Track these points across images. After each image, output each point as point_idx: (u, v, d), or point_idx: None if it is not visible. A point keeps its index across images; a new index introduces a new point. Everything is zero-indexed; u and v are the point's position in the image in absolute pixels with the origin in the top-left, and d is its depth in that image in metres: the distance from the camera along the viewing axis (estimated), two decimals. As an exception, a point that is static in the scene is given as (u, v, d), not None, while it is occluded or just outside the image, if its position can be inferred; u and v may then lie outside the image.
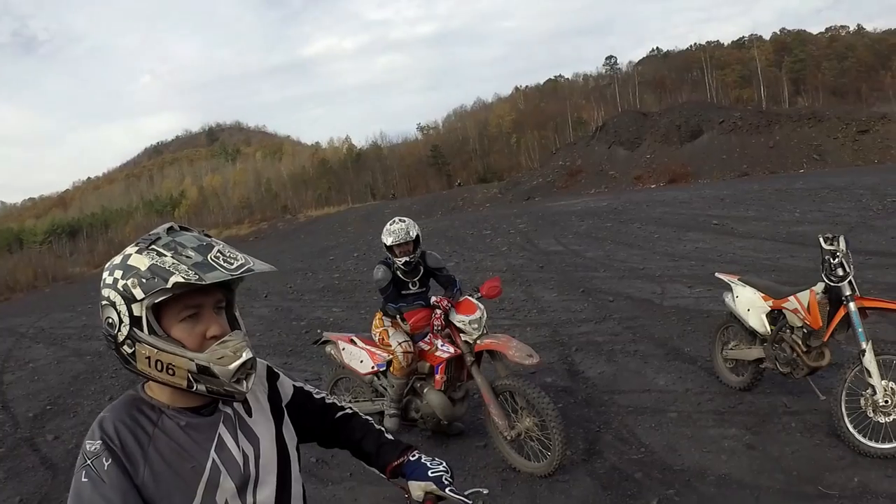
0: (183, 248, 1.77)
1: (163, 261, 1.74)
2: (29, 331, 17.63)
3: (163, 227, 1.86)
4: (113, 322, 1.78)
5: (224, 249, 1.83)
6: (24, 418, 9.67)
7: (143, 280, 1.73)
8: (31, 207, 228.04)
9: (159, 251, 1.76)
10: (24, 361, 13.64)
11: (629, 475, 5.63)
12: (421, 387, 6.45)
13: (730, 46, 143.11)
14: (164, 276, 1.71)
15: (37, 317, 20.35)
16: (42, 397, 10.67)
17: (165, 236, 1.81)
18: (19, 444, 8.59)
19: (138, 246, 1.80)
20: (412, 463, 2.29)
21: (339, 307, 14.88)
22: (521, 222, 27.20)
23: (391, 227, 6.53)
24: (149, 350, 1.76)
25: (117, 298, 1.75)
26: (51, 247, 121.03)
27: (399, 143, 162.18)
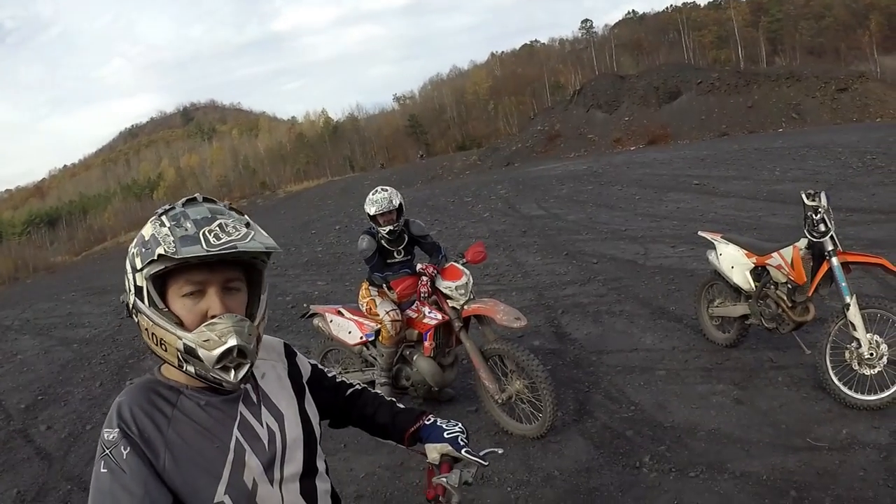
0: (185, 219, 1.71)
1: (159, 231, 1.69)
2: (14, 323, 17.53)
3: (186, 198, 1.82)
4: (126, 290, 1.78)
5: (225, 225, 1.72)
6: (16, 410, 9.62)
7: (144, 249, 1.70)
8: (8, 199, 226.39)
9: (163, 221, 1.72)
10: (11, 353, 13.56)
11: (620, 433, 5.68)
12: (410, 354, 6.47)
13: (706, 7, 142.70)
14: (153, 247, 1.67)
15: (21, 308, 20.22)
16: (32, 388, 10.61)
17: (179, 207, 1.77)
18: (12, 436, 8.56)
19: (153, 216, 1.76)
20: (428, 427, 2.28)
21: (323, 280, 14.86)
22: (502, 188, 27.19)
23: (374, 197, 6.50)
24: (146, 322, 1.73)
25: (128, 266, 1.75)
26: (30, 237, 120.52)
27: (376, 115, 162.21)
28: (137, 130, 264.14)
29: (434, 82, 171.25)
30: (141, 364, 10.77)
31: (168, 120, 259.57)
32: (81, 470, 7.04)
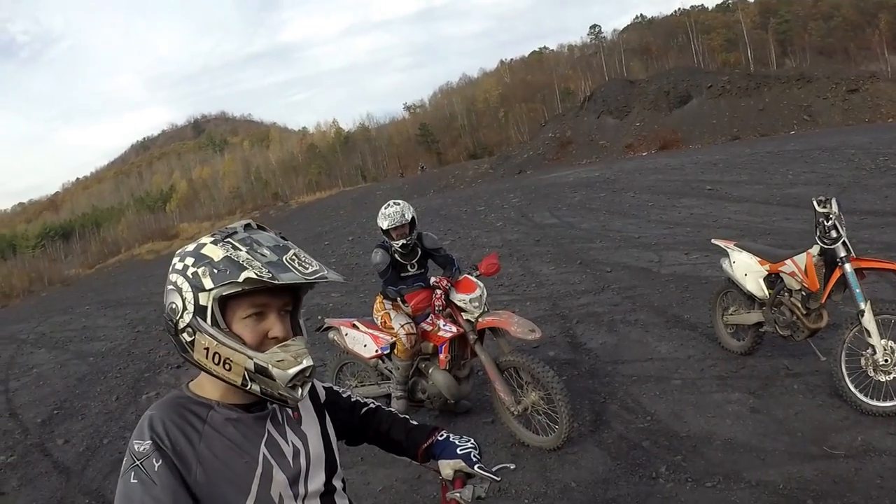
0: (259, 246, 1.77)
1: (237, 254, 1.74)
2: (30, 336, 17.62)
3: (240, 223, 1.87)
4: (176, 308, 1.78)
5: (299, 253, 1.83)
6: (33, 424, 9.68)
7: (215, 271, 1.73)
8: (22, 212, 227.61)
9: (235, 245, 1.76)
10: (27, 367, 13.64)
11: (637, 444, 5.68)
12: (426, 367, 6.48)
13: (714, 10, 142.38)
14: (236, 270, 1.71)
15: (36, 322, 20.32)
16: (49, 402, 10.67)
17: (242, 232, 1.82)
18: (30, 450, 8.60)
19: (213, 237, 1.80)
20: (441, 442, 2.31)
21: (337, 292, 14.88)
22: (514, 197, 27.20)
23: (386, 211, 6.52)
24: (208, 341, 1.76)
25: (185, 285, 1.76)
26: (44, 250, 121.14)
27: (387, 124, 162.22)
28: (149, 143, 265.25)
29: (444, 90, 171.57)
30: (157, 378, 10.83)
31: (179, 132, 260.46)
32: (100, 484, 7.09)
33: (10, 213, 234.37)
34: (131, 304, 19.70)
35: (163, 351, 12.49)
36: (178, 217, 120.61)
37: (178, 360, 11.45)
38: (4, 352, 16.17)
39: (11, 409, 10.74)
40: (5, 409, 10.80)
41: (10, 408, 10.86)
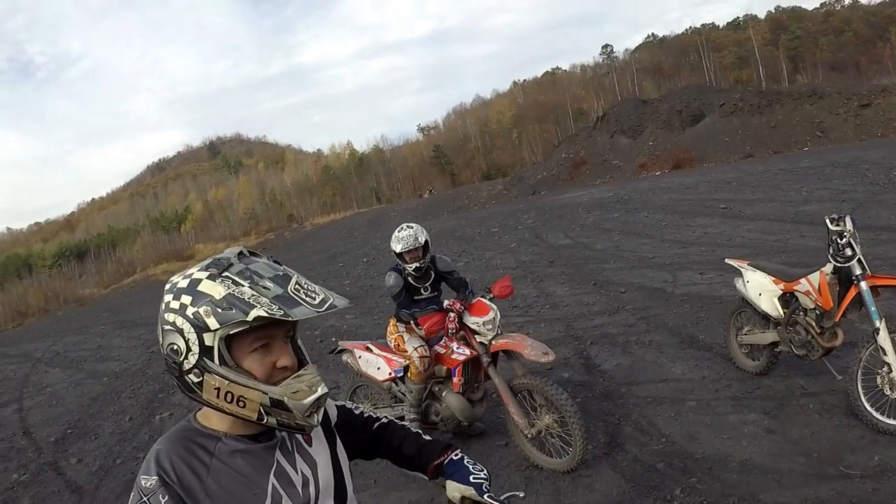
0: (259, 278, 1.71)
1: (240, 291, 1.68)
2: (44, 355, 17.71)
3: (232, 252, 1.80)
4: (178, 349, 1.71)
5: (301, 281, 1.76)
6: (46, 443, 9.72)
7: (219, 310, 1.66)
8: (38, 232, 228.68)
9: (235, 280, 1.69)
10: (41, 386, 13.71)
11: (651, 466, 5.65)
12: (439, 390, 6.47)
13: (725, 28, 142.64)
14: (243, 309, 1.65)
15: (51, 341, 20.42)
16: (62, 421, 10.72)
17: (238, 263, 1.75)
18: (43, 468, 8.65)
19: (209, 271, 1.73)
20: (455, 462, 2.29)
21: (351, 314, 14.89)
22: (528, 217, 27.21)
23: (400, 234, 6.54)
24: (219, 381, 1.71)
25: (185, 325, 1.69)
26: (60, 270, 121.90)
27: (401, 145, 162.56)
28: (165, 164, 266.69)
29: (457, 112, 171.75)
30: (171, 398, 10.84)
31: (195, 154, 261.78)
32: (112, 503, 7.09)
33: (26, 233, 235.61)
34: (146, 325, 19.76)
35: (177, 373, 12.48)
36: (193, 238, 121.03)
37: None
38: (19, 370, 16.27)
39: (25, 428, 10.80)
40: (19, 428, 10.86)
41: (24, 426, 10.92)
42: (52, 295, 68.97)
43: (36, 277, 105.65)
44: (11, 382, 14.84)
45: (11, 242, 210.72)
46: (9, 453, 9.57)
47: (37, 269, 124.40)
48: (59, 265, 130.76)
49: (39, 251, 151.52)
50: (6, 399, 13.13)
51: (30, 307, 63.98)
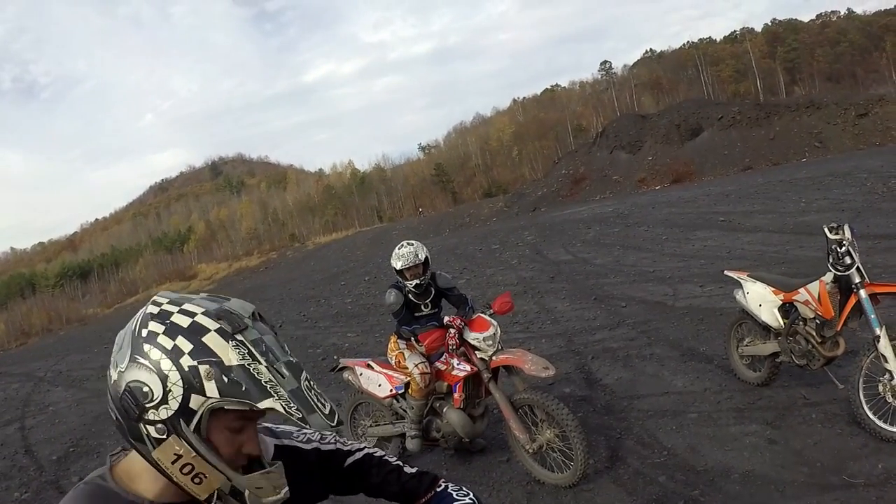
0: (276, 360, 1.47)
1: (257, 369, 1.44)
2: (47, 374, 17.73)
3: (244, 309, 1.55)
4: (149, 393, 1.43)
5: (311, 380, 1.53)
6: (48, 461, 9.75)
7: (225, 380, 1.41)
8: (42, 251, 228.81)
9: (251, 351, 1.45)
10: (44, 405, 13.73)
11: (653, 479, 5.63)
12: (440, 406, 6.47)
13: (722, 42, 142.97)
14: (256, 393, 1.42)
15: (54, 360, 20.45)
16: (64, 440, 10.74)
17: (251, 327, 1.50)
18: (44, 487, 8.67)
19: (218, 324, 1.46)
20: (438, 494, 2.04)
21: (353, 332, 14.91)
22: (529, 234, 27.25)
23: (400, 252, 6.57)
24: (185, 450, 1.45)
25: (173, 374, 1.42)
26: (63, 290, 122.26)
27: (402, 164, 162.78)
28: (167, 185, 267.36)
29: (458, 130, 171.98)
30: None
31: (197, 174, 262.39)
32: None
33: (29, 253, 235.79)
34: (149, 347, 19.69)
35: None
36: (195, 258, 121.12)
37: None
38: (22, 389, 16.30)
39: (27, 446, 10.82)
40: (21, 446, 10.88)
41: (26, 444, 10.94)
42: (55, 314, 69.28)
43: (39, 297, 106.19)
44: (14, 401, 14.88)
45: (15, 262, 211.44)
46: (10, 472, 9.59)
47: (40, 288, 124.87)
48: (62, 285, 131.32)
49: (43, 271, 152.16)
50: (9, 418, 13.16)
51: (33, 326, 64.23)
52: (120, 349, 1.50)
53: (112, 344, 1.51)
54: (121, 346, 1.50)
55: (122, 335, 1.53)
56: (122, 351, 1.49)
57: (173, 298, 1.54)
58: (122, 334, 1.53)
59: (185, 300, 1.52)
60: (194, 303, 1.51)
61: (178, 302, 1.52)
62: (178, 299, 1.53)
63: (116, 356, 1.50)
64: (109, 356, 5.02)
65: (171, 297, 1.54)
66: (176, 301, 1.52)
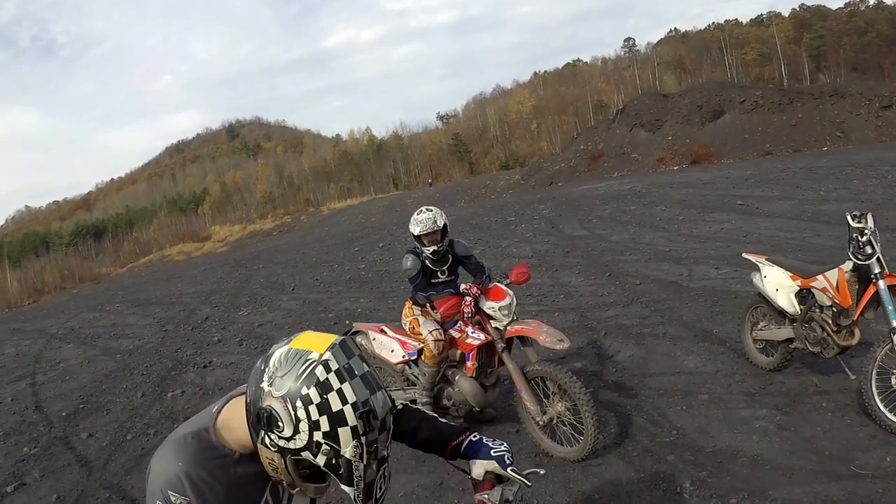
0: (375, 457, 1.89)
1: (357, 466, 1.84)
2: (59, 331, 17.80)
3: (383, 405, 1.89)
4: (280, 428, 1.83)
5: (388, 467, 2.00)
6: (58, 417, 9.78)
7: (332, 461, 1.83)
8: (56, 210, 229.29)
9: (365, 451, 1.85)
10: (55, 362, 13.78)
11: (662, 458, 5.64)
12: (452, 374, 6.48)
13: (748, 25, 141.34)
14: (345, 479, 1.86)
15: (66, 317, 20.52)
16: (74, 396, 10.77)
17: (377, 429, 1.87)
18: (54, 442, 8.70)
19: (359, 420, 1.81)
20: (475, 443, 2.39)
21: (366, 298, 14.92)
22: (545, 208, 27.15)
23: (418, 217, 6.54)
24: (279, 464, 1.91)
25: (302, 436, 1.82)
26: (77, 248, 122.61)
27: (419, 132, 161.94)
28: (183, 146, 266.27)
29: (477, 101, 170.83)
30: (183, 376, 10.91)
31: (214, 136, 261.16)
32: (121, 479, 7.16)
33: (44, 211, 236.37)
34: (160, 304, 19.86)
35: (190, 350, 12.60)
36: (209, 219, 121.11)
37: (204, 359, 11.57)
38: (34, 346, 16.36)
39: (37, 402, 10.86)
40: (31, 402, 10.93)
41: (36, 400, 10.98)
42: (68, 273, 69.54)
43: (53, 255, 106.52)
44: (25, 357, 14.94)
45: (30, 220, 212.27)
46: (20, 427, 9.63)
47: (54, 247, 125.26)
48: (75, 244, 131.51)
49: (57, 229, 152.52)
50: (20, 374, 13.21)
51: (46, 284, 64.51)
52: (282, 376, 1.85)
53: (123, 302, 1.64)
54: (284, 374, 1.85)
55: (289, 362, 1.86)
56: (282, 381, 1.84)
57: (341, 368, 1.84)
58: (289, 361, 1.87)
59: (349, 376, 1.84)
60: (353, 385, 1.83)
61: (343, 377, 1.82)
62: (345, 372, 1.84)
63: (276, 378, 1.85)
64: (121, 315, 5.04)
65: (340, 364, 1.85)
66: (341, 375, 1.83)
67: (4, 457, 8.45)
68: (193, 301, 19.13)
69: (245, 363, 11.01)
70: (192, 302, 19.00)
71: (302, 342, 1.92)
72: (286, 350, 1.90)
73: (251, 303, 16.85)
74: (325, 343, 1.89)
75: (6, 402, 11.16)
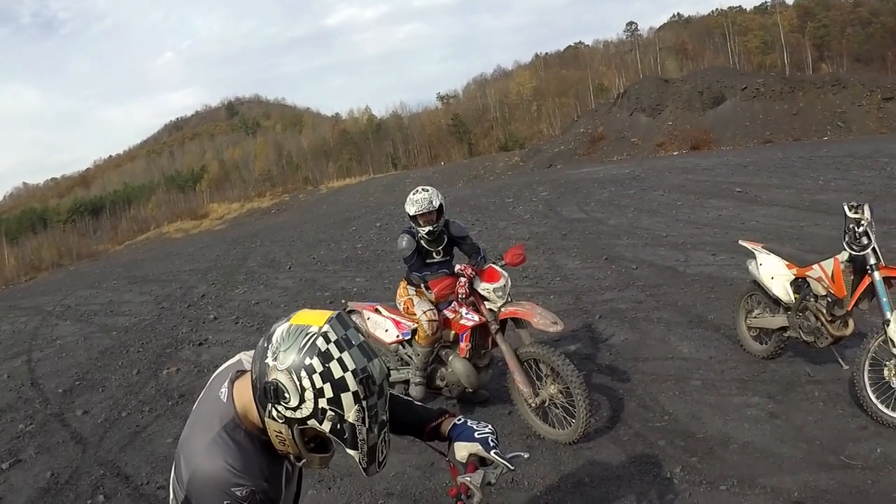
0: (375, 421, 2.01)
1: (360, 430, 1.97)
2: (55, 308, 17.77)
3: (380, 371, 2.02)
4: (287, 398, 1.95)
5: (388, 431, 2.12)
6: (54, 394, 9.78)
7: (337, 427, 1.96)
8: (54, 187, 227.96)
9: (367, 415, 1.98)
10: (51, 339, 13.76)
11: (653, 443, 5.67)
12: (446, 355, 6.48)
13: (752, 12, 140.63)
14: (349, 442, 1.99)
15: (62, 294, 20.47)
16: (70, 373, 10.77)
17: (376, 394, 2.00)
18: (49, 419, 8.71)
19: (360, 386, 1.94)
20: (459, 426, 2.46)
21: (362, 277, 14.93)
22: (543, 190, 27.09)
23: (414, 197, 6.54)
24: (286, 434, 2.04)
25: (308, 405, 1.94)
26: (74, 225, 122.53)
27: (419, 113, 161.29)
28: (182, 123, 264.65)
29: (478, 82, 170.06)
30: (178, 353, 10.93)
31: (213, 113, 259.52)
32: (115, 456, 7.19)
33: (42, 188, 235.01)
34: (157, 281, 19.82)
35: (185, 328, 12.61)
36: (207, 197, 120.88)
37: (200, 337, 11.59)
38: (30, 322, 16.32)
39: (33, 379, 10.85)
40: (27, 379, 10.91)
41: (32, 377, 10.97)
42: (65, 250, 69.59)
43: (50, 232, 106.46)
44: (21, 334, 14.90)
45: (27, 197, 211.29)
46: (16, 403, 9.63)
47: (51, 223, 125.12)
48: (73, 220, 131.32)
49: (55, 206, 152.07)
50: (16, 350, 13.19)
51: (43, 261, 64.53)
52: (285, 350, 1.97)
53: (121, 279, 1.65)
54: (287, 347, 1.98)
55: (291, 337, 1.99)
56: (286, 355, 1.96)
57: (339, 339, 1.98)
58: (291, 335, 2.00)
59: (347, 345, 1.97)
60: (352, 354, 1.96)
61: (342, 347, 1.96)
62: (343, 342, 1.97)
63: (280, 352, 1.97)
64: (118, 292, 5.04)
65: (339, 335, 1.99)
66: (340, 344, 1.96)
67: (0, 433, 8.46)
68: (190, 278, 19.10)
69: (240, 341, 11.01)
70: (188, 279, 18.97)
71: (301, 318, 2.04)
72: (287, 326, 2.02)
73: (248, 281, 16.85)
74: (323, 317, 2.02)
75: (2, 378, 11.15)
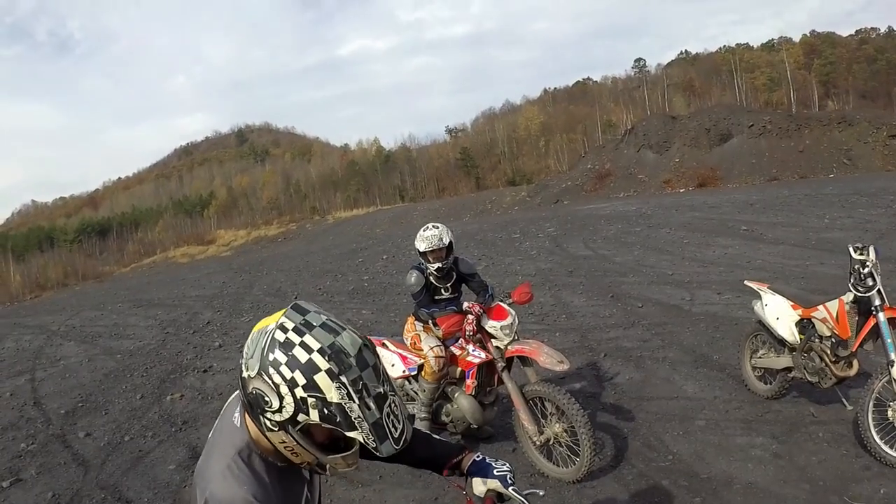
0: (367, 395, 1.85)
1: (350, 408, 1.83)
2: (60, 328, 17.80)
3: (353, 344, 1.89)
4: (269, 403, 1.85)
5: (392, 401, 1.93)
6: (56, 415, 9.80)
7: (325, 412, 1.83)
8: (62, 206, 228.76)
9: (349, 392, 1.82)
10: (55, 359, 13.79)
11: (657, 483, 5.67)
12: (452, 391, 6.50)
13: (759, 49, 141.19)
14: (346, 425, 1.84)
15: (67, 314, 20.51)
16: (73, 394, 10.79)
17: (355, 365, 1.85)
18: (51, 440, 8.72)
19: (329, 364, 1.82)
20: (477, 462, 2.49)
21: (368, 309, 14.95)
22: (550, 226, 27.17)
23: (424, 234, 6.58)
24: (290, 440, 1.91)
25: (288, 398, 1.83)
26: (81, 246, 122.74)
27: (428, 145, 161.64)
28: (192, 148, 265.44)
29: (486, 115, 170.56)
30: (182, 380, 10.94)
31: (223, 140, 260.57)
32: (117, 479, 7.19)
33: (50, 207, 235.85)
34: (163, 306, 19.86)
35: (190, 354, 12.63)
36: (215, 223, 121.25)
37: (205, 364, 11.61)
38: (34, 341, 16.35)
39: (36, 399, 10.87)
40: (30, 398, 10.94)
41: (35, 397, 11.00)
42: (71, 270, 69.77)
43: (57, 251, 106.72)
44: (26, 353, 14.93)
45: (35, 215, 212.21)
46: (18, 422, 9.65)
47: (58, 243, 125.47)
48: (80, 241, 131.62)
49: (62, 226, 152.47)
50: (19, 369, 13.22)
51: (49, 280, 64.71)
52: (251, 356, 1.90)
53: (126, 302, 1.68)
54: (252, 353, 1.90)
55: (254, 342, 1.93)
56: (253, 360, 1.89)
57: (297, 325, 1.89)
58: (254, 341, 1.93)
59: (307, 328, 1.88)
60: (314, 335, 1.86)
61: (301, 331, 1.87)
62: (302, 327, 1.89)
63: (249, 360, 1.91)
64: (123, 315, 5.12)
65: (296, 321, 1.90)
66: (299, 329, 1.88)
67: (1, 451, 8.48)
68: (196, 305, 19.14)
69: (245, 370, 10.99)
70: (194, 305, 19.01)
71: (260, 323, 1.99)
72: (250, 336, 1.97)
73: (253, 309, 16.89)
74: (281, 313, 1.96)
75: (5, 396, 11.18)
